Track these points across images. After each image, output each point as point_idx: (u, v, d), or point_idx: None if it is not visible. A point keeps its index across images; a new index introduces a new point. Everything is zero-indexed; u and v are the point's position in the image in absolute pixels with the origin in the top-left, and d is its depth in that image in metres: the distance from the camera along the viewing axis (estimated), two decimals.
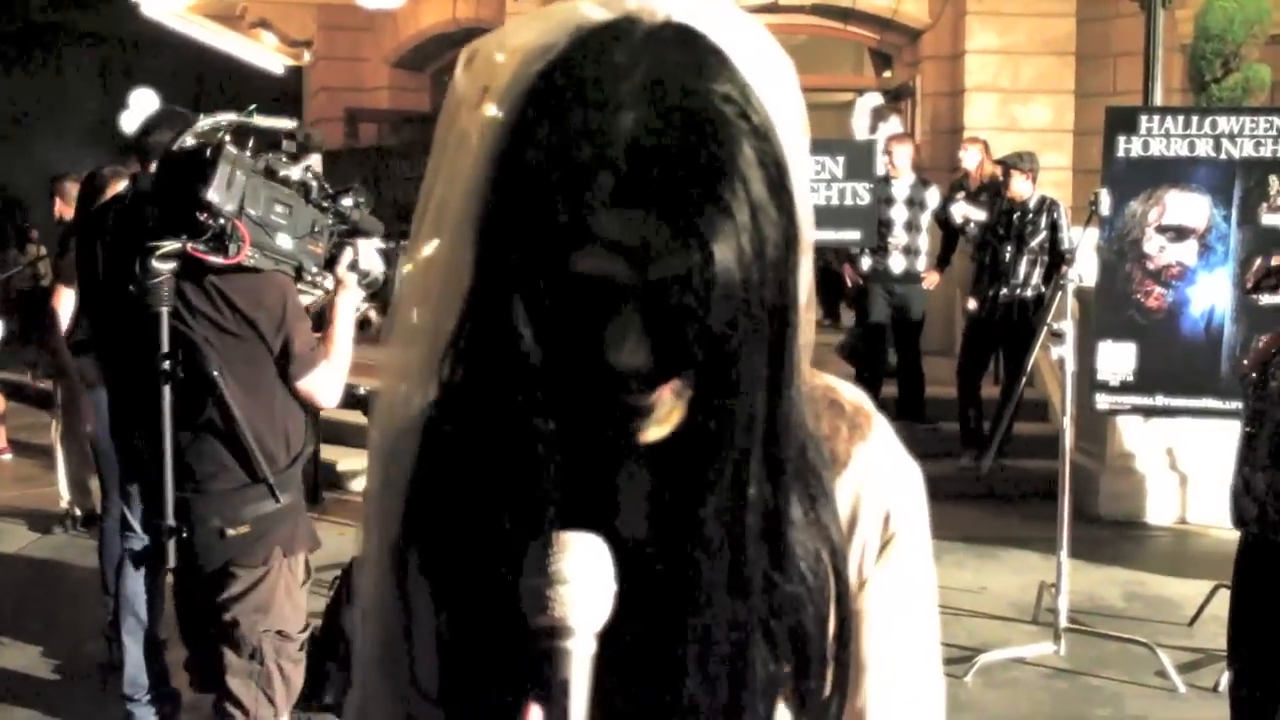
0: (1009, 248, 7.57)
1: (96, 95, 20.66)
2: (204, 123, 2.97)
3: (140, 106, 18.43)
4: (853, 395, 1.02)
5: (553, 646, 0.82)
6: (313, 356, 3.09)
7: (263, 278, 3.01)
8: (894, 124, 9.51)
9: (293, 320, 3.04)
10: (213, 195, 2.87)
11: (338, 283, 3.22)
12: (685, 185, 0.79)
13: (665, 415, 0.85)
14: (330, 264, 3.20)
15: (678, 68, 0.82)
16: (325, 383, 3.15)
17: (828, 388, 1.01)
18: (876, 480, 0.99)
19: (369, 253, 3.28)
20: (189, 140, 2.92)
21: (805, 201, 0.88)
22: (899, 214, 8.17)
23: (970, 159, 9.17)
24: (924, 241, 8.24)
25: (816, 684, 0.94)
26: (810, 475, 0.93)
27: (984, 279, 7.76)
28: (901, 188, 8.21)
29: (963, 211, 8.67)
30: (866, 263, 8.16)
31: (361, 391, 5.29)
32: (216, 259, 2.91)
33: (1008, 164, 7.63)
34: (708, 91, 0.82)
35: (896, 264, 8.18)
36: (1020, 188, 7.52)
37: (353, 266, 3.25)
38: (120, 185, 5.18)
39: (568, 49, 0.84)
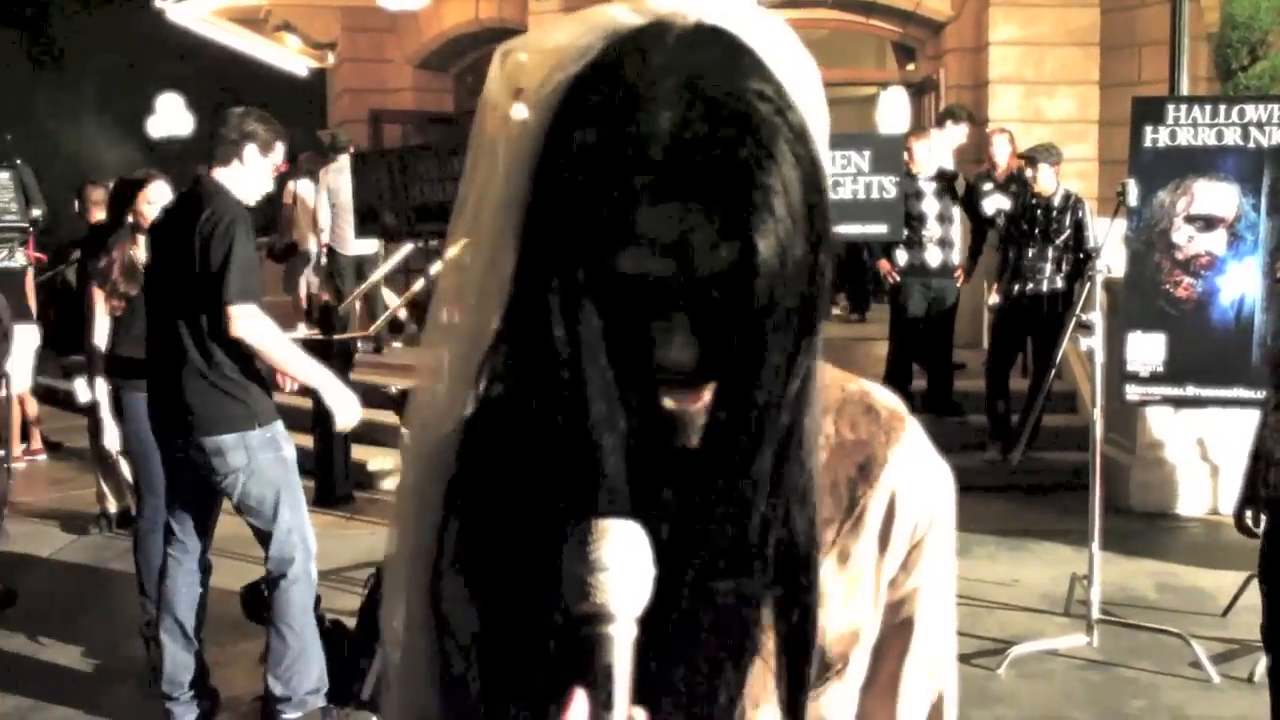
0: (1033, 244, 7.54)
1: (122, 99, 20.78)
2: None
3: (166, 110, 18.52)
4: (886, 400, 1.05)
5: (595, 632, 0.83)
6: None
7: None
8: (963, 129, 9.46)
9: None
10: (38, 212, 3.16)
11: None
12: (726, 179, 0.80)
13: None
14: None
15: (713, 67, 0.84)
16: None
17: (863, 393, 1.04)
18: (911, 483, 1.02)
19: None
20: None
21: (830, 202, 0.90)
22: (930, 207, 8.16)
23: (1000, 150, 9.19)
24: (956, 232, 8.24)
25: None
26: (807, 479, 0.94)
27: (1008, 274, 7.73)
28: (928, 182, 8.20)
29: (995, 204, 8.70)
30: (903, 257, 8.14)
31: (392, 390, 5.34)
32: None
33: (1034, 157, 7.58)
34: (744, 89, 0.83)
35: (933, 257, 8.17)
36: (1046, 181, 7.48)
37: None
38: (153, 187, 5.23)
39: (603, 51, 0.85)
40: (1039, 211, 7.53)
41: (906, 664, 1.05)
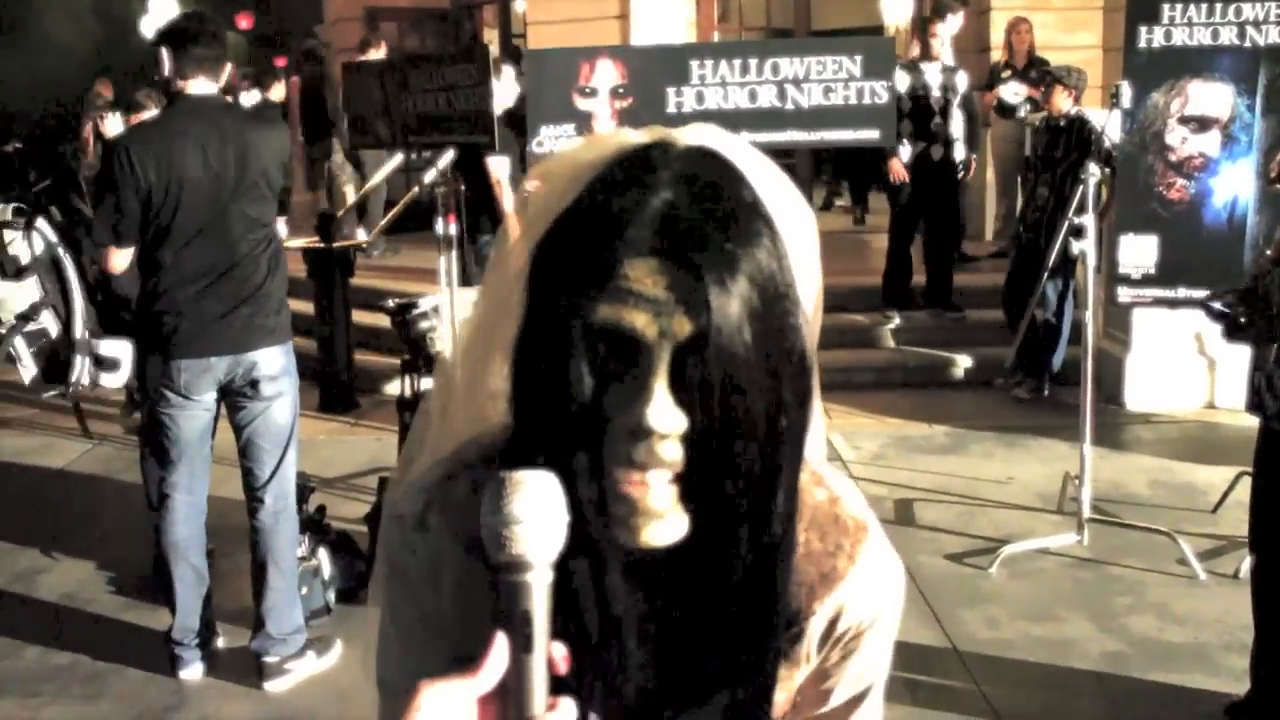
0: (1046, 175, 7.26)
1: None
2: None
3: (160, 9, 18.26)
4: (855, 510, 1.14)
5: (513, 580, 0.89)
6: None
7: None
8: (959, 18, 9.39)
9: None
10: None
11: None
12: (706, 247, 0.91)
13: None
14: None
15: (705, 171, 0.96)
16: None
17: (832, 500, 1.13)
18: (862, 593, 1.12)
19: None
20: None
21: (813, 314, 1.05)
22: (936, 100, 8.09)
23: (1020, 38, 9.34)
24: (956, 128, 8.18)
25: None
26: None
27: (1028, 209, 7.53)
28: (934, 74, 8.11)
29: (1014, 90, 8.77)
30: (906, 152, 8.07)
31: (390, 304, 5.38)
32: None
33: (1055, 76, 7.28)
34: (732, 192, 0.95)
35: (936, 152, 8.11)
36: (1061, 103, 7.18)
37: None
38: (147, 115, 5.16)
39: (617, 155, 0.99)
40: (1046, 135, 7.34)
41: None
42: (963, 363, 7.93)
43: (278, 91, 11.09)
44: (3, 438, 7.34)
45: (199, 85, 3.99)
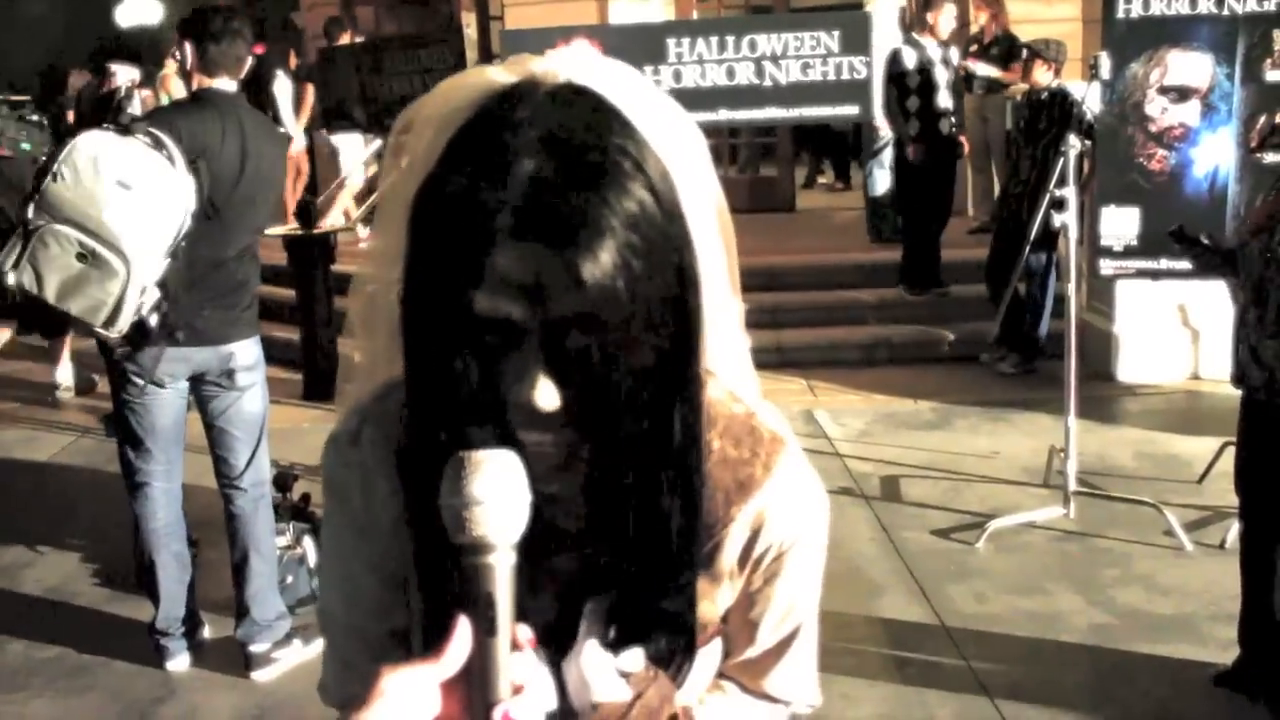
0: (1029, 149, 7.20)
1: None
2: None
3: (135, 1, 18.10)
4: (772, 423, 1.12)
5: (475, 562, 0.87)
6: None
7: None
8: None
9: None
10: None
11: None
12: (574, 223, 0.86)
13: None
14: None
15: (574, 122, 0.90)
16: None
17: (749, 414, 1.11)
18: (780, 506, 1.09)
19: None
20: None
21: (707, 245, 0.99)
22: (941, 76, 8.06)
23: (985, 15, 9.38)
24: (952, 103, 8.18)
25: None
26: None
27: (1011, 183, 7.49)
28: (934, 50, 8.08)
29: (980, 69, 8.78)
30: (915, 126, 8.04)
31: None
32: None
33: (1034, 50, 7.24)
34: (601, 143, 0.89)
35: (944, 126, 8.10)
36: (1040, 77, 7.12)
37: None
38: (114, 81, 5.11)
39: (478, 111, 0.92)
40: (1027, 110, 7.33)
41: (763, 662, 1.18)
42: (947, 338, 7.93)
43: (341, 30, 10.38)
44: None
45: (221, 83, 4.01)
